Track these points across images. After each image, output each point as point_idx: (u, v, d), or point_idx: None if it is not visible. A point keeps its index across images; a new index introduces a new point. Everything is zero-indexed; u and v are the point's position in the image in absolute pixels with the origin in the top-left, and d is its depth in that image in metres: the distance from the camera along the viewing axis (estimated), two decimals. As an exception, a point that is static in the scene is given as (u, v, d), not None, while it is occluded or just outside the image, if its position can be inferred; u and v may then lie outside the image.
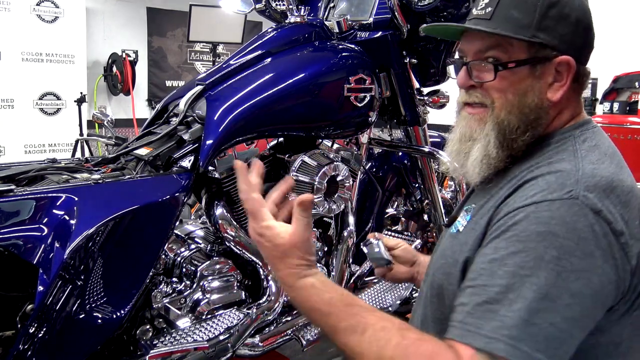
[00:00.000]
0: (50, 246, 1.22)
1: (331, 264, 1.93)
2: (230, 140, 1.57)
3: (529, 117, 0.94)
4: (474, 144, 0.97)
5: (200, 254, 1.70)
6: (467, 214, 0.99)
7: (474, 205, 1.00)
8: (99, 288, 1.34)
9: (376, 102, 1.88)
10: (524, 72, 0.93)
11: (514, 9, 0.92)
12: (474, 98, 0.98)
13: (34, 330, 1.23)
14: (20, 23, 4.85)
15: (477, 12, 0.97)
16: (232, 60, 1.75)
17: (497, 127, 0.95)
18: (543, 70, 0.93)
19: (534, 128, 0.94)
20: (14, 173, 1.41)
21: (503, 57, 0.94)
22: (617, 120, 4.15)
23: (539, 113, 0.94)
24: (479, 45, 0.96)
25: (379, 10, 1.99)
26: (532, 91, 0.93)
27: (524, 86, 0.93)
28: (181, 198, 1.46)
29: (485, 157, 0.95)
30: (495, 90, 0.95)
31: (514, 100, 0.94)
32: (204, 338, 1.49)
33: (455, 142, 1.01)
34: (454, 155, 1.02)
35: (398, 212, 2.53)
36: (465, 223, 0.98)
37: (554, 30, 0.92)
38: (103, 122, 2.38)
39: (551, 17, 0.92)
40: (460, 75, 0.99)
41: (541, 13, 0.91)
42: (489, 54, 0.95)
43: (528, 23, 0.91)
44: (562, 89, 0.94)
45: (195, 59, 6.63)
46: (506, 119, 0.94)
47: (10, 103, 4.88)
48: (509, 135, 0.94)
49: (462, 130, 1.00)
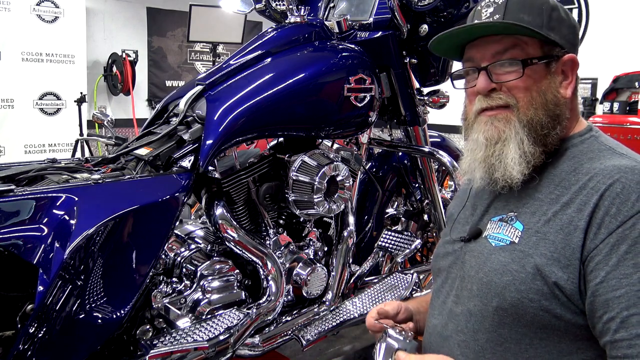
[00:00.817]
0: (50, 246, 1.22)
1: (331, 264, 1.93)
2: (231, 141, 1.57)
3: (555, 112, 0.97)
4: (504, 145, 0.97)
5: (200, 254, 1.70)
6: (509, 223, 0.97)
7: (513, 213, 0.98)
8: (99, 288, 1.34)
9: (376, 102, 1.88)
10: (542, 69, 0.98)
11: (523, 13, 0.97)
12: (497, 101, 0.99)
13: (34, 330, 1.23)
14: (20, 23, 4.84)
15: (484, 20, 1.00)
16: (232, 60, 1.75)
17: (527, 125, 0.96)
18: (555, 68, 0.99)
19: (561, 122, 0.98)
20: (14, 173, 1.41)
21: (523, 55, 0.98)
22: (617, 120, 4.15)
23: (560, 109, 0.98)
24: (496, 48, 0.99)
25: (379, 10, 1.99)
26: (550, 88, 0.98)
27: (544, 84, 0.98)
28: (181, 198, 1.46)
29: (523, 154, 0.96)
30: (519, 89, 0.97)
31: (538, 97, 0.97)
32: (204, 338, 1.49)
33: (480, 148, 1.00)
34: (480, 162, 1.01)
35: (398, 212, 2.53)
36: (520, 233, 0.95)
37: (559, 31, 0.99)
38: (103, 122, 2.37)
39: (555, 19, 0.98)
40: (481, 81, 1.00)
41: (547, 15, 0.98)
42: (508, 55, 0.98)
43: (540, 23, 0.97)
44: (570, 86, 1.00)
45: (195, 59, 6.63)
46: (535, 117, 0.97)
47: (10, 103, 4.88)
48: (541, 131, 0.97)
49: (487, 134, 1.00)
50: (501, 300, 0.93)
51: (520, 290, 0.91)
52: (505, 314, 0.93)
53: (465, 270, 1.03)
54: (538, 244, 0.92)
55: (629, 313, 0.81)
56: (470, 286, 1.00)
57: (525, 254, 0.92)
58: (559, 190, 0.94)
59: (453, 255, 1.09)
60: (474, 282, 1.00)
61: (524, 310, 0.91)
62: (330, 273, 1.91)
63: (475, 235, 1.04)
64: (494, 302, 0.95)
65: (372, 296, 2.02)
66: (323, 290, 1.88)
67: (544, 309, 0.89)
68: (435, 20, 1.96)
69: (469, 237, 1.05)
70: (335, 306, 1.92)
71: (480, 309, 0.97)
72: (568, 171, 0.95)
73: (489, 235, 1.00)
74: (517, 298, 0.91)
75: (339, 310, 1.92)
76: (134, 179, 1.45)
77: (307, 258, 1.84)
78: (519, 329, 0.92)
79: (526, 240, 0.94)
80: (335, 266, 1.93)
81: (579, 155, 0.97)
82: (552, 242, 0.90)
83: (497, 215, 1.02)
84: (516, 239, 0.95)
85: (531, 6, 0.98)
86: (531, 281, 0.90)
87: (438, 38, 1.05)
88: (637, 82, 4.21)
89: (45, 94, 5.06)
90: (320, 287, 1.86)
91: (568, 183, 0.94)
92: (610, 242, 0.84)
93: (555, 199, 0.94)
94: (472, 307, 0.99)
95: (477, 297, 0.98)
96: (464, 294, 1.02)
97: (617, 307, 0.82)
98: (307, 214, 1.76)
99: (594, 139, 0.99)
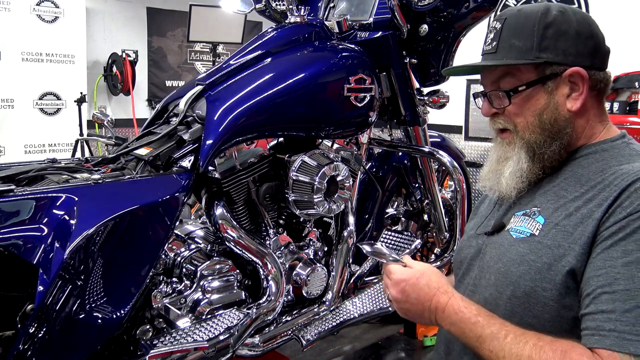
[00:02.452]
0: (50, 246, 1.22)
1: (331, 264, 1.93)
2: (231, 140, 1.57)
3: (552, 131, 1.02)
4: (506, 163, 1.07)
5: (200, 254, 1.69)
6: (531, 217, 1.01)
7: (537, 208, 1.02)
8: (99, 288, 1.34)
9: (376, 102, 1.88)
10: (536, 91, 1.02)
11: (514, 39, 1.02)
12: (498, 125, 1.08)
13: (34, 330, 1.23)
14: (20, 23, 4.83)
15: (486, 47, 1.08)
16: (232, 60, 1.75)
17: (525, 146, 1.04)
18: (555, 85, 1.01)
19: (561, 138, 1.02)
20: (14, 173, 1.41)
21: (515, 82, 1.03)
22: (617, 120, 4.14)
23: (561, 125, 1.01)
24: (492, 77, 1.07)
25: (379, 10, 1.99)
26: (548, 108, 1.01)
27: (540, 105, 1.02)
28: (181, 198, 1.46)
29: (518, 170, 1.04)
30: (515, 114, 1.04)
31: (533, 120, 1.02)
32: (204, 338, 1.49)
33: (493, 163, 1.11)
34: (488, 174, 1.11)
35: (398, 212, 2.53)
36: (540, 226, 0.98)
37: (555, 48, 0.99)
38: (103, 122, 2.37)
39: (549, 37, 1.00)
40: (483, 106, 1.10)
41: (539, 35, 1.00)
42: (501, 83, 1.05)
43: (529, 47, 1.00)
44: (580, 97, 1.01)
45: (195, 59, 6.62)
46: (532, 138, 1.03)
47: (10, 103, 4.88)
48: (538, 150, 1.03)
49: (498, 154, 1.10)
50: (515, 288, 0.98)
51: (535, 279, 0.95)
52: (517, 302, 0.97)
53: (485, 261, 1.08)
54: (557, 235, 0.95)
55: (602, 290, 0.85)
56: (489, 276, 1.05)
57: (544, 245, 0.96)
58: (584, 188, 0.97)
59: (475, 248, 1.14)
60: (492, 272, 1.05)
61: (536, 299, 0.94)
62: (330, 273, 1.91)
63: (499, 228, 1.08)
64: (509, 290, 0.99)
65: (372, 296, 2.02)
66: (323, 290, 1.88)
67: (555, 300, 0.92)
68: (435, 20, 1.96)
69: (492, 231, 1.10)
70: (335, 306, 1.92)
71: (495, 297, 1.02)
72: (595, 171, 0.98)
73: (511, 229, 1.04)
74: (531, 287, 0.95)
75: (339, 310, 1.92)
76: (134, 179, 1.45)
77: (307, 258, 1.84)
78: (529, 319, 0.95)
79: (546, 232, 0.97)
80: (335, 266, 1.92)
81: (608, 159, 0.99)
82: (571, 233, 0.93)
83: (521, 210, 1.06)
84: (536, 231, 0.99)
85: (522, 29, 1.01)
86: (546, 271, 0.93)
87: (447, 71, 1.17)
88: (637, 82, 4.20)
89: (45, 94, 5.06)
90: (320, 287, 1.86)
91: (594, 182, 0.96)
92: (613, 230, 0.88)
93: (579, 196, 0.97)
94: (487, 295, 1.04)
95: (494, 286, 1.03)
96: (482, 283, 1.07)
97: (594, 285, 0.87)
98: (307, 214, 1.76)
99: (626, 144, 1.01)
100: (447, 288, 1.02)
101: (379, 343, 2.60)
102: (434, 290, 1.01)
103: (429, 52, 2.06)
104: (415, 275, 1.04)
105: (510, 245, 1.02)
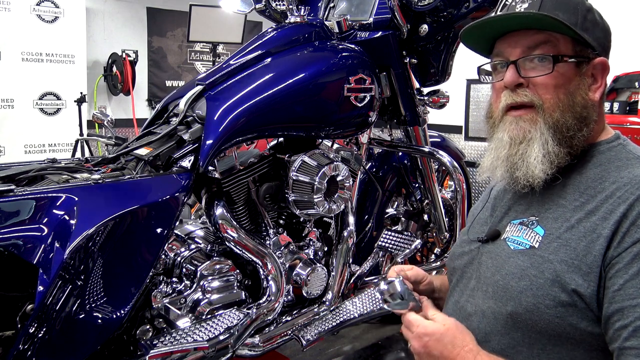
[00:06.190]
0: (50, 246, 1.22)
1: (331, 264, 1.93)
2: (231, 140, 1.57)
3: (582, 114, 0.96)
4: (529, 145, 0.97)
5: (200, 254, 1.69)
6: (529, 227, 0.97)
7: (534, 217, 0.97)
8: (99, 288, 1.34)
9: (376, 102, 1.88)
10: (572, 69, 0.96)
11: (558, 10, 0.95)
12: (523, 97, 0.97)
13: (34, 330, 1.23)
14: (20, 23, 4.83)
15: (520, 5, 0.98)
16: (232, 60, 1.75)
17: (553, 127, 0.95)
18: (586, 70, 0.97)
19: (588, 125, 0.96)
20: (14, 173, 1.41)
21: (554, 52, 0.96)
22: (617, 120, 4.14)
23: (588, 111, 0.96)
24: (527, 42, 0.98)
25: (379, 10, 1.99)
26: (578, 90, 0.96)
27: (573, 85, 0.96)
28: (181, 198, 1.46)
29: (546, 154, 0.95)
30: (547, 87, 0.96)
31: (565, 99, 0.95)
32: (204, 338, 1.49)
33: (504, 147, 0.99)
34: (502, 160, 1.00)
35: (398, 212, 2.53)
36: (540, 238, 0.94)
37: (593, 33, 0.97)
38: (103, 122, 2.37)
39: (589, 21, 0.97)
40: (509, 74, 0.98)
41: (582, 16, 0.96)
42: (538, 51, 0.97)
43: (574, 22, 0.95)
44: (599, 90, 0.98)
45: (195, 59, 6.62)
46: (561, 119, 0.95)
47: (10, 103, 4.88)
48: (567, 132, 0.95)
49: (512, 134, 0.99)
50: (516, 304, 0.93)
51: (537, 295, 0.90)
52: (519, 318, 0.93)
53: (482, 271, 1.03)
54: (559, 250, 0.91)
55: (625, 304, 0.82)
56: (486, 288, 1.00)
57: (545, 260, 0.91)
58: (584, 197, 0.93)
59: (469, 255, 1.09)
60: (489, 283, 1.00)
61: (539, 316, 0.90)
62: (330, 273, 1.91)
63: (494, 236, 1.03)
64: (509, 306, 0.95)
65: (372, 296, 2.02)
66: (323, 290, 1.88)
67: (559, 316, 0.88)
68: (435, 20, 1.96)
69: (486, 238, 1.05)
70: (335, 306, 1.92)
71: (494, 312, 0.97)
72: (594, 179, 0.94)
73: (508, 238, 1.00)
74: (533, 303, 0.91)
75: (339, 310, 1.91)
76: (134, 179, 1.45)
77: (307, 258, 1.84)
78: (532, 334, 0.92)
79: (547, 245, 0.93)
80: (335, 266, 1.92)
81: (606, 163, 0.96)
82: (574, 249, 0.89)
83: (517, 218, 1.01)
84: (536, 243, 0.94)
85: (567, 4, 0.96)
86: (549, 287, 0.89)
87: (469, 27, 1.03)
88: (637, 82, 4.20)
89: (45, 94, 5.06)
90: (320, 287, 1.86)
91: (594, 191, 0.93)
92: (634, 252, 0.84)
93: (580, 207, 0.93)
94: (485, 308, 1.00)
95: (492, 300, 0.98)
96: (479, 295, 1.02)
97: (632, 316, 0.82)
98: (307, 214, 1.76)
99: (622, 147, 0.98)
100: (473, 346, 0.94)
101: (379, 343, 2.60)
102: (458, 349, 0.94)
103: (429, 52, 2.06)
104: (439, 330, 0.96)
105: (509, 257, 0.97)
